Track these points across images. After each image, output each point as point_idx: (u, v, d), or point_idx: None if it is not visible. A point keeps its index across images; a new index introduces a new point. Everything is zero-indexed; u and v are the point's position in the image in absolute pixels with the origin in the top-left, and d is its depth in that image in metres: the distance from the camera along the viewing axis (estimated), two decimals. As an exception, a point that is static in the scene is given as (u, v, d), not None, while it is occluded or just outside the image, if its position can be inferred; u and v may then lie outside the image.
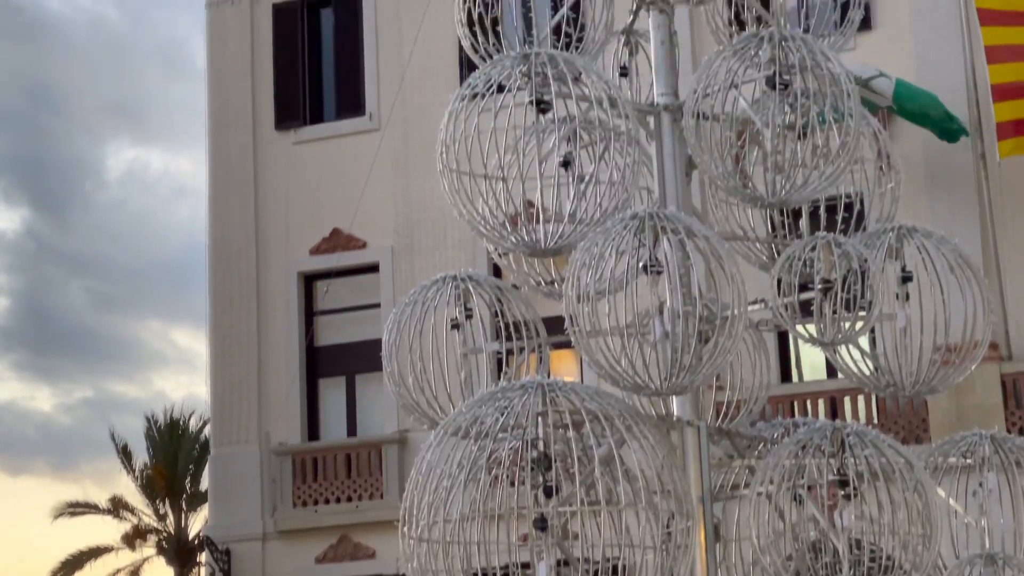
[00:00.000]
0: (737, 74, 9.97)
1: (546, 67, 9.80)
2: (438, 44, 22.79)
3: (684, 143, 10.34)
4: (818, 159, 9.90)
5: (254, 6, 24.63)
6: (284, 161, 24.20)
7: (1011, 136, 19.31)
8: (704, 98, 10.00)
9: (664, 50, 10.73)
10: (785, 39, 9.83)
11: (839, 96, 9.87)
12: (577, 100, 9.95)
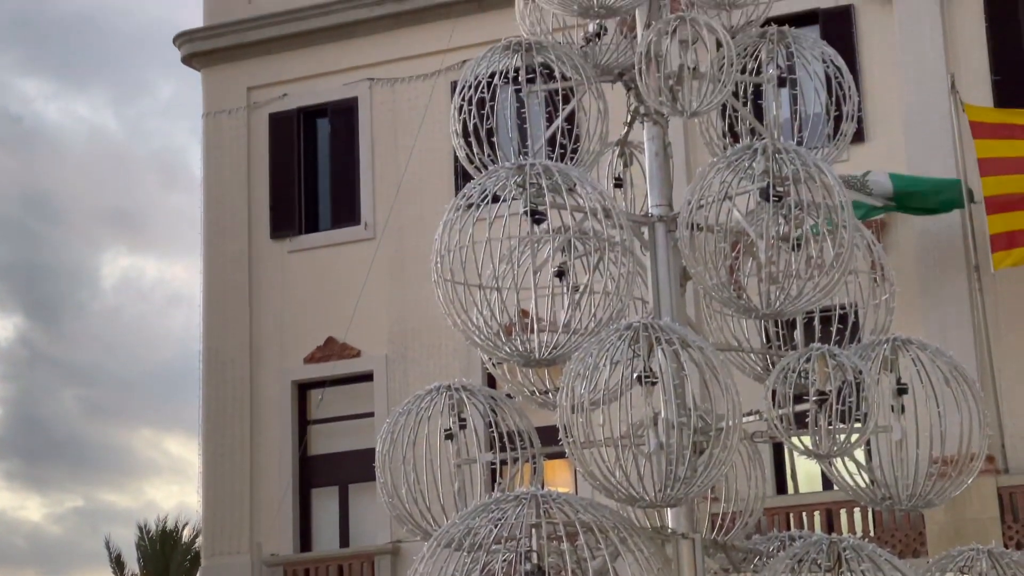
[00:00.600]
0: (731, 185, 10.01)
1: (541, 178, 9.84)
2: (433, 154, 22.94)
3: (678, 254, 10.36)
4: (812, 270, 9.91)
5: (251, 115, 24.82)
6: (279, 270, 24.25)
7: (1004, 248, 19.39)
8: (698, 209, 10.03)
9: (658, 161, 10.79)
10: (779, 151, 9.88)
11: (833, 208, 9.90)
12: (572, 210, 9.98)
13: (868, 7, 21.55)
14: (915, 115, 20.82)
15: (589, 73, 10.76)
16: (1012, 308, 20.14)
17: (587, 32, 11.10)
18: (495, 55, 10.79)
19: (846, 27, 21.34)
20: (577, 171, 10.08)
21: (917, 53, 21.07)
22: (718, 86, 10.24)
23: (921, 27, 21.11)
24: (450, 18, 23.16)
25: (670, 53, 10.28)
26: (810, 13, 21.45)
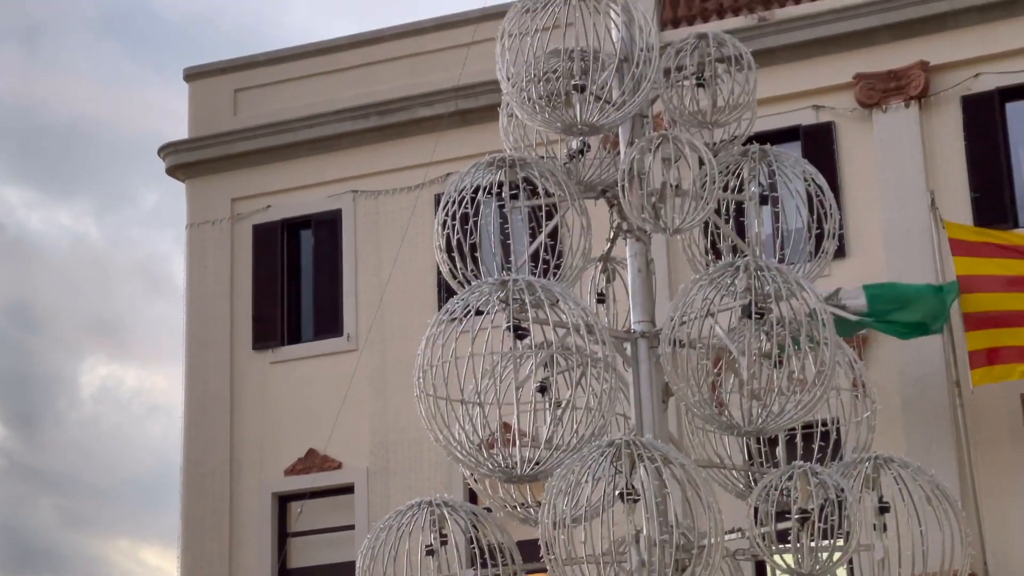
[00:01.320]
0: (713, 302, 10.08)
1: (524, 293, 9.90)
2: (417, 266, 22.99)
3: (661, 370, 10.40)
4: (794, 387, 9.95)
5: (234, 226, 24.88)
6: (261, 381, 24.18)
7: (984, 365, 19.41)
8: (681, 325, 10.08)
9: (641, 277, 10.86)
10: (761, 268, 9.96)
11: (814, 325, 9.96)
12: (554, 326, 10.02)
13: (848, 124, 21.76)
14: (895, 232, 20.94)
15: (572, 189, 10.86)
16: (992, 426, 20.13)
17: (570, 148, 11.22)
18: (479, 170, 10.90)
19: (827, 144, 21.54)
20: (560, 287, 10.14)
21: (897, 170, 21.26)
22: (700, 203, 10.35)
23: (901, 144, 21.32)
24: (434, 132, 23.31)
25: (653, 170, 10.41)
26: (791, 130, 21.65)
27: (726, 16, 22.67)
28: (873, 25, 21.70)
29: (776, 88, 20.61)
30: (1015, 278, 19.45)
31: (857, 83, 21.60)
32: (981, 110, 21.24)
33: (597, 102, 10.65)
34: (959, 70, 21.36)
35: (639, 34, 10.75)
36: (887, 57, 21.57)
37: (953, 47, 21.36)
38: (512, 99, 10.95)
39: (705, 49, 11.18)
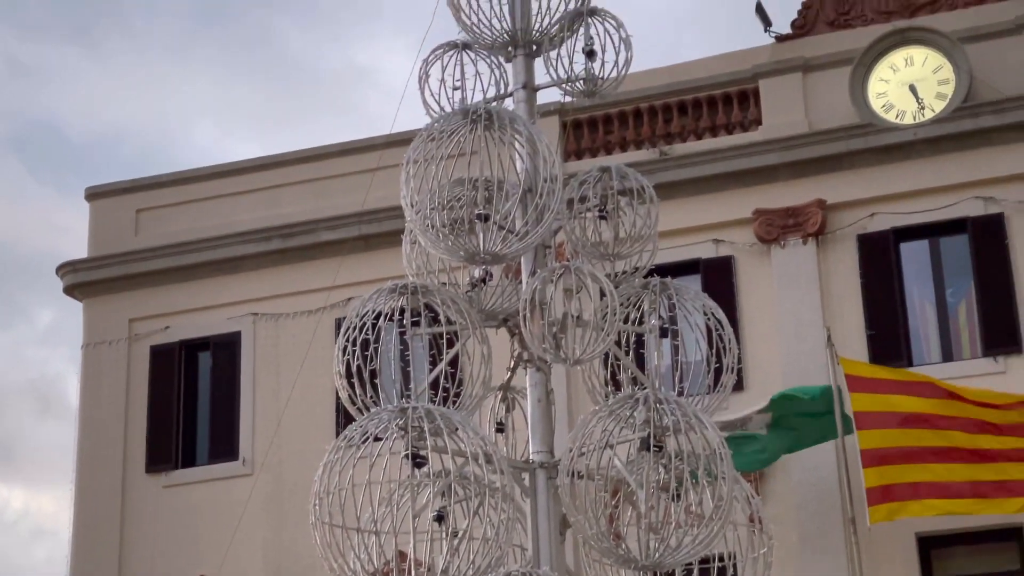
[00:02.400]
0: (612, 434, 10.05)
1: (423, 421, 9.81)
2: (315, 390, 22.82)
3: (559, 501, 10.34)
4: (692, 522, 9.92)
5: (131, 347, 24.60)
6: (153, 504, 23.77)
7: (880, 502, 19.52)
8: (579, 457, 10.04)
9: (541, 407, 10.83)
10: (660, 401, 9.96)
11: (712, 459, 9.95)
12: (453, 455, 9.94)
13: (747, 259, 22.06)
14: (793, 366, 21.16)
15: (474, 318, 10.84)
16: (887, 561, 20.24)
17: (473, 277, 11.22)
18: (380, 296, 10.85)
19: (726, 277, 21.80)
20: (459, 415, 10.07)
21: (794, 305, 21.54)
22: (601, 335, 10.36)
23: (798, 280, 21.62)
24: (337, 256, 23.30)
25: (554, 301, 10.42)
26: (691, 262, 21.91)
27: (628, 149, 23.00)
28: (772, 163, 22.10)
29: (677, 221, 20.89)
30: (910, 415, 19.66)
31: (756, 219, 21.93)
32: (876, 249, 21.64)
33: (500, 231, 10.67)
34: (855, 209, 21.79)
35: (543, 165, 10.82)
36: (786, 194, 21.97)
37: (850, 187, 21.81)
38: (415, 226, 10.95)
39: (608, 181, 11.27)
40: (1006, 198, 21.13)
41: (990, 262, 21.07)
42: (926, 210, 21.47)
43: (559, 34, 11.72)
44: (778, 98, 22.54)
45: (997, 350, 20.75)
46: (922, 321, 21.59)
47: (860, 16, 23.14)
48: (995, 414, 19.37)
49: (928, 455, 19.44)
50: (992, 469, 19.14)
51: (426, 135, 10.99)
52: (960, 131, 21.46)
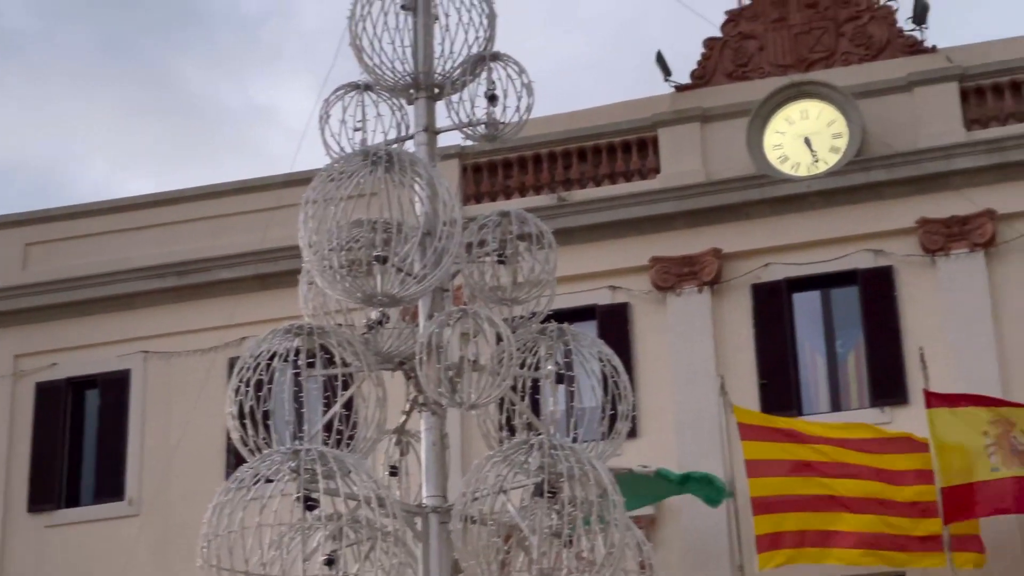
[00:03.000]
0: (506, 479, 10.03)
1: (316, 464, 9.74)
2: (207, 431, 22.53)
3: (451, 546, 10.29)
4: (583, 568, 9.91)
5: (16, 384, 24.14)
6: (34, 545, 23.28)
7: (769, 549, 19.65)
8: (473, 502, 10.01)
9: (435, 451, 10.80)
10: (554, 447, 9.96)
11: (605, 506, 9.97)
12: (345, 498, 9.86)
13: (643, 306, 22.18)
14: (686, 414, 21.28)
15: (370, 360, 10.79)
16: (776, 609, 20.34)
17: (369, 319, 11.17)
18: (276, 337, 10.77)
19: (622, 324, 21.90)
20: (353, 458, 10.01)
21: (689, 354, 21.68)
22: (497, 380, 10.36)
23: (693, 329, 21.78)
24: (232, 295, 23.11)
25: (451, 344, 10.40)
26: (588, 309, 21.99)
27: (528, 194, 23.09)
28: (669, 211, 22.28)
29: (574, 268, 20.95)
30: (799, 463, 19.85)
31: (652, 266, 22.08)
32: (770, 299, 21.87)
33: (398, 274, 10.65)
34: (750, 259, 22.02)
35: (443, 208, 10.82)
36: (682, 243, 22.15)
37: (745, 236, 22.04)
38: (313, 266, 10.89)
39: (507, 226, 11.30)
40: (895, 251, 21.46)
41: (879, 314, 21.37)
42: (818, 261, 21.74)
43: (461, 78, 11.75)
44: (676, 147, 22.75)
45: (884, 401, 21.02)
46: (812, 371, 21.83)
47: (757, 68, 23.44)
48: (885, 460, 19.60)
49: (817, 503, 19.62)
50: (881, 521, 19.35)
51: (326, 175, 10.95)
52: (852, 184, 21.78)
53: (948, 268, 21.13)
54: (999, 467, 19.03)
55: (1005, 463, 19.01)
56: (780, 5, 23.64)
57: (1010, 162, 21.27)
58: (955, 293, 20.98)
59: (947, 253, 21.16)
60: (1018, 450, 19.03)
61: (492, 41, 11.84)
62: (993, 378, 20.34)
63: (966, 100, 22.01)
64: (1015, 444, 19.05)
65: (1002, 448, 19.07)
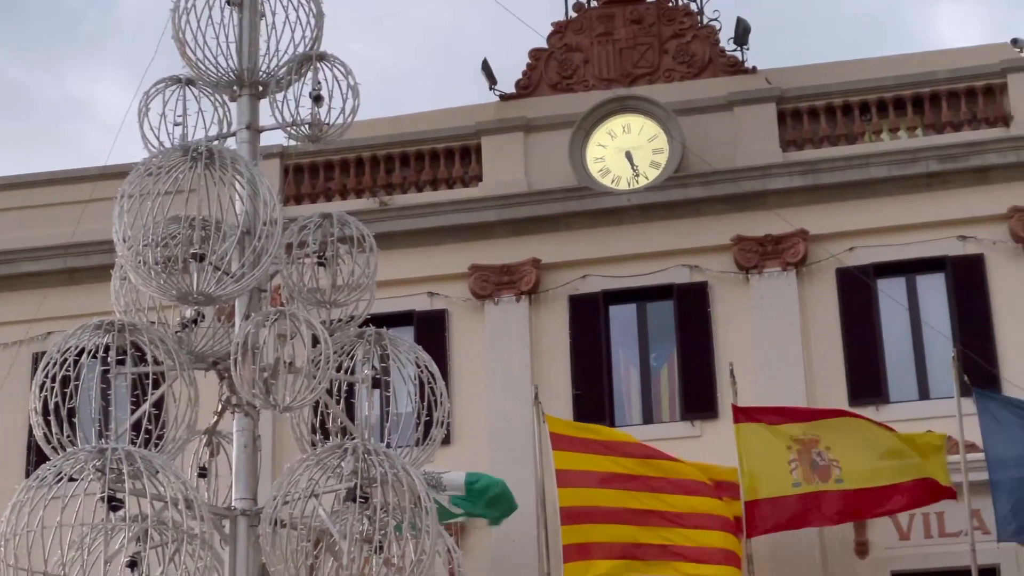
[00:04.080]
0: (318, 483, 9.93)
1: (122, 463, 9.52)
2: (7, 428, 21.94)
3: (259, 550, 10.14)
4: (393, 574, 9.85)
5: None
6: None
7: (576, 559, 19.76)
8: (283, 505, 9.88)
9: (246, 453, 10.64)
10: (368, 452, 9.88)
11: (418, 512, 9.92)
12: (152, 499, 9.66)
13: (461, 313, 22.17)
14: (500, 422, 21.32)
15: (182, 359, 10.60)
16: (581, 619, 20.47)
17: (183, 317, 10.97)
18: (85, 332, 10.52)
19: (439, 331, 21.86)
20: (161, 458, 9.82)
21: (505, 362, 21.74)
22: (312, 383, 10.24)
23: (510, 337, 21.84)
24: (39, 288, 22.54)
25: (267, 346, 10.26)
26: (406, 314, 21.90)
27: (349, 197, 22.93)
28: (490, 219, 22.32)
29: (393, 272, 20.82)
30: (608, 475, 20.00)
31: (472, 274, 22.10)
32: (586, 310, 22.02)
33: (215, 272, 10.47)
34: (568, 270, 22.15)
35: (263, 208, 10.68)
36: (502, 251, 22.20)
37: (564, 248, 22.16)
38: (127, 262, 10.65)
39: (328, 228, 11.19)
40: (710, 267, 21.77)
41: (693, 329, 21.66)
42: (635, 275, 21.95)
43: (286, 77, 11.61)
44: (499, 156, 22.81)
45: (695, 415, 21.31)
46: (626, 383, 22.04)
47: (582, 81, 23.61)
48: (688, 470, 19.88)
49: (624, 515, 19.80)
50: (683, 534, 19.61)
51: (144, 169, 10.73)
52: (670, 200, 22.05)
53: (760, 286, 21.51)
54: (800, 482, 19.43)
55: (805, 479, 19.41)
56: (606, 20, 23.85)
57: (823, 184, 21.73)
58: (766, 310, 21.36)
59: (760, 271, 21.54)
60: (819, 466, 19.45)
61: (319, 41, 11.73)
62: (800, 394, 20.76)
63: (783, 121, 22.44)
64: (816, 460, 19.47)
65: (803, 464, 19.46)
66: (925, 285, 21.47)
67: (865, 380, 20.92)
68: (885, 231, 21.45)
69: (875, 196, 21.61)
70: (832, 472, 19.32)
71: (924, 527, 20.01)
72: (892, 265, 21.39)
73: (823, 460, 19.44)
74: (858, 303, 21.27)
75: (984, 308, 20.93)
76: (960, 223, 21.29)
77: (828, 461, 19.39)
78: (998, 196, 21.24)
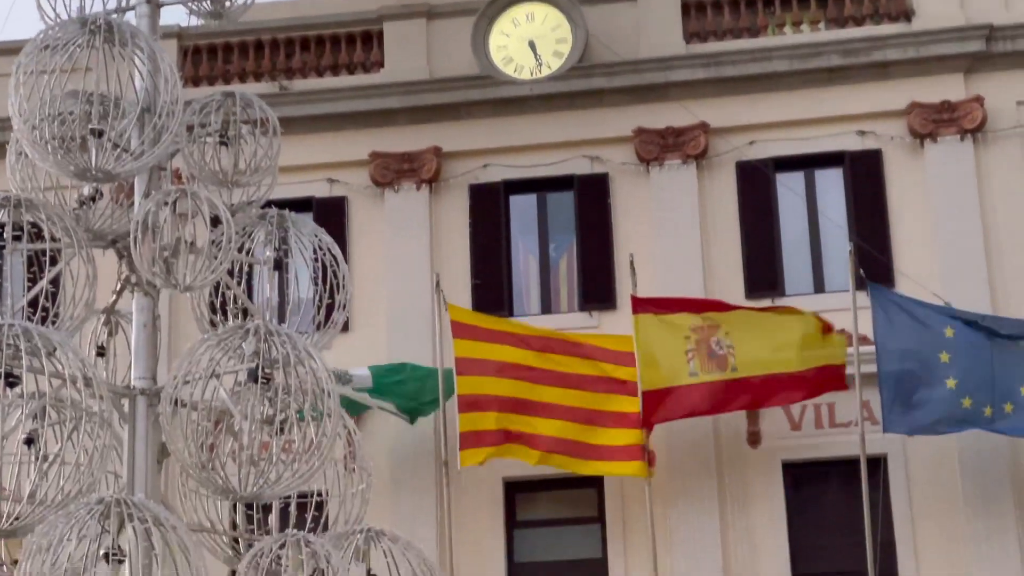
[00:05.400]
0: (220, 364, 9.89)
1: (19, 339, 9.42)
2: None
3: (158, 429, 10.11)
4: (295, 456, 9.87)
5: None
6: None
7: (472, 446, 19.89)
8: (184, 385, 9.84)
9: (146, 333, 10.57)
10: (271, 333, 9.85)
11: (319, 395, 9.92)
12: (49, 376, 9.58)
13: (360, 201, 22.06)
14: (399, 310, 21.31)
15: (80, 236, 10.46)
16: (476, 505, 20.69)
17: (81, 195, 10.82)
18: (-20, 208, 10.34)
19: (338, 218, 21.73)
20: (59, 336, 9.73)
21: (405, 250, 21.68)
22: (214, 263, 10.16)
23: (411, 225, 21.78)
24: (-70, 166, 22.11)
25: (168, 224, 10.15)
26: (305, 200, 21.74)
27: (248, 80, 22.63)
28: (391, 106, 22.15)
29: (293, 158, 20.58)
30: (506, 364, 20.12)
31: (372, 161, 21.97)
32: (487, 199, 22.00)
33: (115, 149, 10.32)
34: (469, 159, 22.08)
35: (164, 85, 10.51)
36: (403, 139, 22.06)
37: (466, 136, 22.06)
38: (23, 137, 10.46)
39: (231, 108, 11.06)
40: (611, 159, 21.80)
41: (593, 220, 21.72)
42: (536, 165, 21.93)
43: (188, -49, 11.39)
44: (401, 42, 22.58)
45: (593, 305, 21.43)
46: (525, 273, 22.10)
47: (486, -32, 23.39)
48: (593, 367, 20.04)
49: (521, 406, 19.95)
50: (576, 429, 19.81)
51: (40, 43, 10.52)
52: (572, 90, 21.99)
53: (660, 178, 21.59)
54: (697, 372, 19.67)
55: (702, 368, 19.66)
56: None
57: (725, 77, 21.77)
58: (666, 202, 21.46)
59: (661, 163, 21.61)
60: (717, 354, 19.69)
61: (220, -84, 11.51)
62: (698, 286, 20.92)
63: (687, 13, 22.39)
64: (714, 349, 19.70)
65: (700, 353, 19.69)
66: (824, 180, 21.68)
67: (762, 273, 21.15)
68: (785, 125, 21.57)
69: (777, 90, 21.70)
70: (728, 361, 19.59)
71: (815, 418, 20.38)
72: (791, 159, 21.55)
73: (720, 349, 19.68)
74: (757, 197, 21.44)
75: (881, 203, 21.19)
76: (860, 118, 21.45)
77: (725, 349, 19.64)
78: (898, 91, 21.42)
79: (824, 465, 20.45)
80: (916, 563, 19.79)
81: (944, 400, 19.08)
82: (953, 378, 19.08)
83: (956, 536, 19.79)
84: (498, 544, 20.69)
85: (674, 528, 20.12)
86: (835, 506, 20.28)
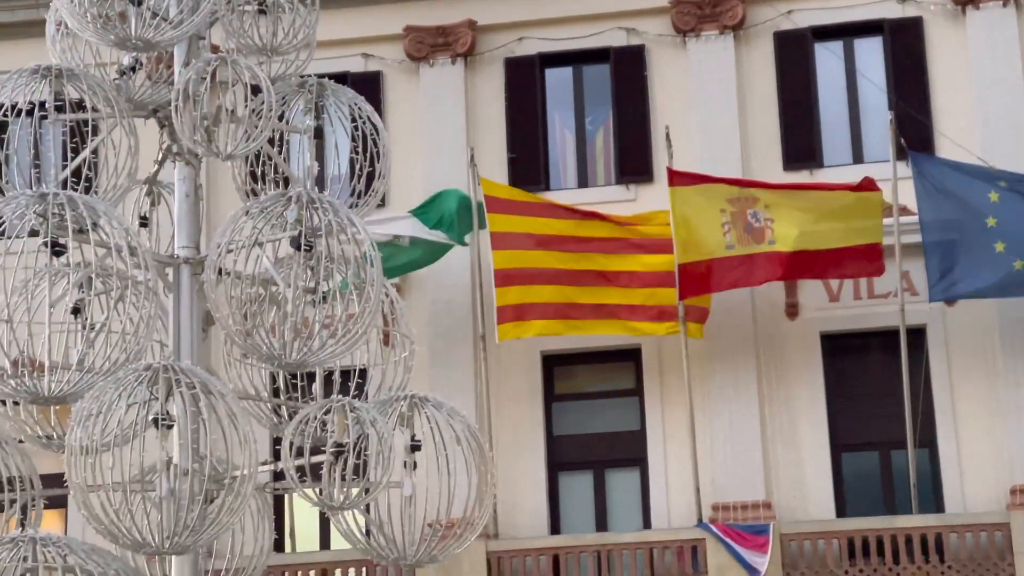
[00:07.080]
0: (263, 232, 9.89)
1: (64, 209, 9.44)
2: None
3: (203, 297, 10.15)
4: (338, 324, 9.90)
5: None
6: None
7: (510, 320, 19.98)
8: (227, 254, 9.85)
9: (188, 203, 10.57)
10: (313, 201, 9.84)
11: (362, 264, 9.92)
12: (95, 246, 9.62)
13: (396, 75, 21.97)
14: (434, 185, 21.26)
15: (122, 107, 10.43)
16: (514, 379, 20.79)
17: (122, 64, 10.77)
18: (22, 78, 10.32)
19: (374, 93, 21.62)
20: (104, 205, 9.73)
21: (440, 124, 21.61)
22: (255, 131, 10.13)
23: (446, 100, 21.68)
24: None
25: (208, 93, 10.10)
26: (340, 76, 21.51)
27: (281, -46, 22.40)
28: (392, -20, 21.90)
29: (328, 33, 20.29)
30: (544, 237, 20.14)
31: (407, 35, 21.82)
32: (522, 73, 21.87)
33: (154, 18, 10.26)
34: (504, 32, 21.91)
35: (201, -47, 10.41)
36: (437, 13, 21.89)
37: (500, 9, 21.88)
38: (63, 7, 10.40)
39: (268, -24, 10.94)
40: (647, 30, 21.59)
41: (629, 93, 21.58)
42: (572, 37, 21.76)
43: None
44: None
45: (630, 178, 21.37)
46: (561, 147, 22.02)
47: None
48: (632, 231, 20.04)
49: (560, 276, 19.99)
50: (620, 293, 19.86)
51: (77, -89, 10.39)
52: (610, -39, 21.76)
53: (697, 49, 21.39)
54: (733, 244, 19.63)
55: (739, 241, 19.61)
56: None
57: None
58: (703, 74, 21.28)
59: (698, 34, 21.40)
60: (754, 227, 19.62)
61: None
62: (735, 159, 20.83)
63: None
64: (750, 221, 19.63)
65: (737, 227, 19.64)
66: (863, 48, 21.45)
67: (800, 144, 21.02)
68: (823, -8, 21.33)
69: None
70: (766, 234, 19.53)
71: (854, 289, 20.35)
72: (830, 28, 21.31)
73: (758, 221, 19.61)
74: (795, 67, 21.24)
75: (921, 71, 20.97)
76: (900, -16, 21.19)
77: (763, 222, 19.56)
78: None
79: (863, 336, 20.46)
80: (955, 433, 19.85)
81: (994, 264, 18.95)
82: (1002, 241, 18.94)
83: (995, 407, 19.81)
84: (537, 417, 20.83)
85: (712, 401, 20.21)
86: (874, 377, 20.32)
